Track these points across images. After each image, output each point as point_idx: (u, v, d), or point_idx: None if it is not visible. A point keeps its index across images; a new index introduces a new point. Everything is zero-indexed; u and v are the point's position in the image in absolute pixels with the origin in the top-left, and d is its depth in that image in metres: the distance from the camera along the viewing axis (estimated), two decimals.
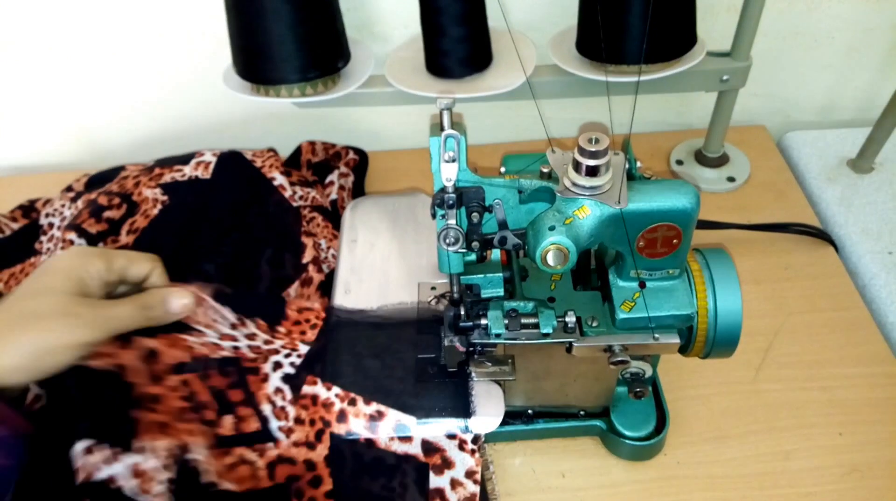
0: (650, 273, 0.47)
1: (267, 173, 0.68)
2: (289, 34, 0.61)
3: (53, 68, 0.78)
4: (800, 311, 0.65)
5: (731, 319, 0.47)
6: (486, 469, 0.51)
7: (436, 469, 0.49)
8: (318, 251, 0.63)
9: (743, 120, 0.85)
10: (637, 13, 0.59)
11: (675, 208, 0.43)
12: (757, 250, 0.70)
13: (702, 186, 0.77)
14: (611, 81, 0.62)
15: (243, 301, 0.55)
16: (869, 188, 0.75)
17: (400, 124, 0.85)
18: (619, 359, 0.46)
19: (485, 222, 0.46)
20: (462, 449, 0.49)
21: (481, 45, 0.65)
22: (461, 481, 0.49)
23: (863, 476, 0.54)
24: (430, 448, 0.49)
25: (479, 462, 0.49)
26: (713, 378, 0.60)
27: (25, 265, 0.66)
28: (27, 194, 0.76)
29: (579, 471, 0.55)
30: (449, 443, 0.49)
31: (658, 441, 0.54)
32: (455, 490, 0.48)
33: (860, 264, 0.69)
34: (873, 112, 0.74)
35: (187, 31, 0.75)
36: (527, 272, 0.52)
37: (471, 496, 0.48)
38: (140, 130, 0.85)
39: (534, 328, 0.47)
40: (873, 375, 0.60)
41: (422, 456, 0.49)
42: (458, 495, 0.48)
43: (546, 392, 0.54)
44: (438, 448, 0.49)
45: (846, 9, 0.76)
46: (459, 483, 0.49)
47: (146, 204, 0.65)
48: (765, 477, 0.54)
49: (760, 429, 0.57)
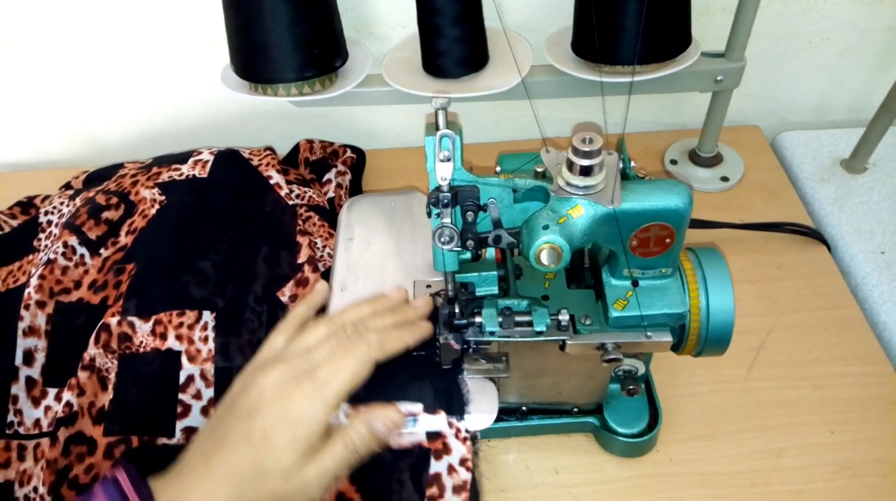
0: (643, 272, 0.47)
1: (264, 172, 0.69)
2: (286, 33, 0.61)
3: (53, 67, 0.78)
4: (792, 310, 0.65)
5: (723, 317, 0.47)
6: (475, 455, 0.52)
7: (436, 455, 0.50)
8: (313, 250, 0.64)
9: (737, 120, 0.86)
10: (632, 14, 0.59)
11: (668, 208, 0.43)
12: (750, 249, 0.71)
13: (695, 185, 0.77)
14: (605, 81, 0.63)
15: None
16: (862, 188, 0.76)
17: (397, 123, 0.86)
18: (611, 357, 0.47)
19: (479, 221, 0.47)
20: (457, 438, 0.50)
21: (478, 45, 0.65)
22: (455, 468, 0.50)
23: (854, 474, 0.54)
24: (432, 434, 0.50)
25: (471, 449, 0.50)
26: (706, 376, 0.60)
27: (24, 263, 0.66)
28: (26, 190, 0.76)
29: (573, 467, 0.55)
30: (448, 431, 0.50)
31: (651, 438, 0.55)
32: (451, 475, 0.49)
33: (852, 264, 0.69)
34: (866, 113, 0.75)
35: (186, 30, 0.75)
36: (521, 271, 0.53)
37: (463, 483, 0.49)
38: (139, 128, 0.85)
39: (528, 326, 0.48)
40: (865, 374, 0.60)
41: (425, 442, 0.50)
42: (452, 480, 0.49)
43: (540, 389, 0.54)
44: (441, 433, 0.50)
45: (840, 11, 0.76)
46: (454, 470, 0.50)
47: (144, 204, 0.66)
48: (757, 475, 0.55)
49: (752, 427, 0.57)
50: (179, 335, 0.57)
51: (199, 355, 0.57)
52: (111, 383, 0.55)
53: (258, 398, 0.45)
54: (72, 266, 0.62)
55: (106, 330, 0.57)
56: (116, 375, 0.56)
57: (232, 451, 0.43)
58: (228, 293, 0.60)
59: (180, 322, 0.57)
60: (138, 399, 0.55)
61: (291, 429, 0.43)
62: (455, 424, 0.50)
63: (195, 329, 0.58)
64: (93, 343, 0.56)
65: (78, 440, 0.53)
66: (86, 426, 0.54)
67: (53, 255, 0.61)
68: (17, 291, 0.62)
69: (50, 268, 0.60)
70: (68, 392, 0.54)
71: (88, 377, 0.55)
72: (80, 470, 0.52)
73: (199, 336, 0.57)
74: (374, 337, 0.47)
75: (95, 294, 0.60)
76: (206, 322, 0.58)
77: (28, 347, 0.56)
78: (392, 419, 0.47)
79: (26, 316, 0.57)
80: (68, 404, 0.54)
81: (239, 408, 0.45)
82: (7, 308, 0.59)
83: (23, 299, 0.58)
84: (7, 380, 0.55)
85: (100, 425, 0.54)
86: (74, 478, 0.52)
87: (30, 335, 0.57)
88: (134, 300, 0.58)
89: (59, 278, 0.61)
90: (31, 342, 0.57)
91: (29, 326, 0.57)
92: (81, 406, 0.54)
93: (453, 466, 0.50)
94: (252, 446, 0.43)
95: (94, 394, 0.55)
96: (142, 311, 0.58)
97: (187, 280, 0.60)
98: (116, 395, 0.55)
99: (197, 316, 0.58)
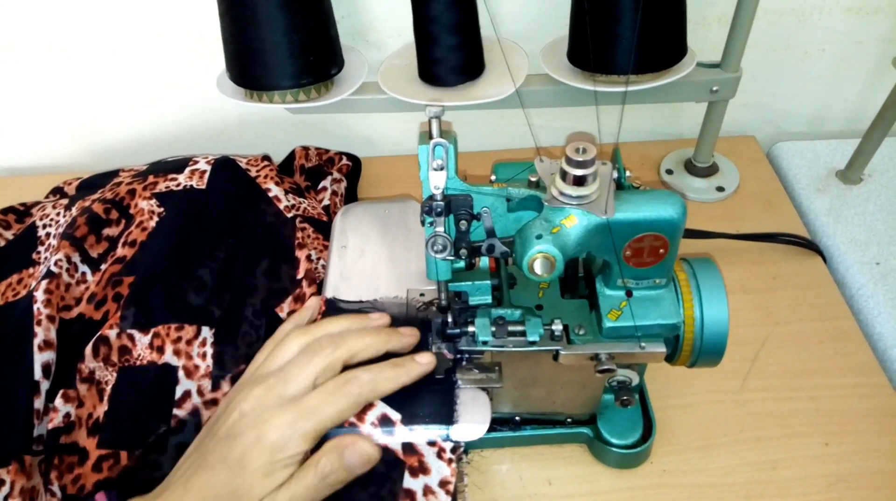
0: (637, 282, 0.47)
1: (262, 184, 0.68)
2: (282, 41, 0.61)
3: (49, 70, 0.78)
4: (787, 321, 0.65)
5: (718, 328, 0.47)
6: (461, 480, 0.50)
7: (411, 471, 0.48)
8: (310, 264, 0.63)
9: (733, 130, 0.86)
10: (627, 24, 0.59)
11: (662, 218, 0.43)
12: (745, 259, 0.70)
13: (691, 195, 0.77)
14: (599, 90, 0.63)
15: None
16: (857, 199, 0.76)
17: (393, 131, 0.86)
18: (605, 367, 0.47)
19: (473, 230, 0.47)
20: (440, 458, 0.48)
21: (474, 54, 0.65)
22: (434, 489, 0.48)
23: (849, 487, 0.54)
24: (409, 449, 0.48)
25: (455, 472, 0.48)
26: (700, 387, 0.60)
27: (23, 275, 0.65)
28: (24, 195, 0.76)
29: (566, 478, 0.55)
30: (428, 450, 0.48)
31: (644, 449, 0.54)
32: (426, 497, 0.47)
33: (848, 275, 0.69)
34: (862, 124, 0.75)
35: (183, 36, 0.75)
36: (515, 280, 0.53)
37: None
38: (135, 134, 0.85)
39: (521, 336, 0.47)
40: (860, 385, 0.60)
41: (400, 454, 0.48)
42: None
43: (533, 400, 0.54)
44: (417, 451, 0.48)
45: (836, 22, 0.77)
46: (431, 491, 0.47)
47: (141, 215, 0.65)
48: (751, 486, 0.54)
49: (747, 438, 0.57)
50: (177, 350, 0.57)
51: (196, 371, 0.56)
52: (107, 395, 0.55)
53: (237, 420, 0.45)
54: (73, 283, 0.62)
55: (105, 343, 0.56)
56: (113, 387, 0.55)
57: (210, 472, 0.43)
58: (226, 302, 0.60)
59: (178, 337, 0.57)
60: (132, 412, 0.54)
61: (268, 454, 0.43)
62: (439, 443, 0.48)
63: (193, 345, 0.57)
64: (91, 356, 0.56)
65: (71, 450, 0.53)
66: (80, 436, 0.53)
67: (57, 269, 0.61)
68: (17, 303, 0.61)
69: (56, 283, 0.60)
70: (67, 404, 0.54)
71: (88, 389, 0.55)
72: (69, 481, 0.51)
73: (198, 352, 0.57)
74: (366, 377, 0.46)
75: (97, 310, 0.60)
76: (204, 338, 0.58)
77: (46, 361, 0.56)
78: (366, 452, 0.46)
79: (39, 332, 0.57)
80: (67, 415, 0.53)
81: (219, 429, 0.45)
82: (17, 321, 0.58)
83: (34, 316, 0.57)
84: (30, 395, 0.54)
85: (94, 436, 0.53)
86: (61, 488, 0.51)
87: (45, 350, 0.56)
88: (132, 309, 0.58)
89: (62, 294, 0.60)
90: (48, 356, 0.56)
91: (44, 340, 0.56)
92: (80, 417, 0.54)
93: (430, 487, 0.47)
94: (228, 468, 0.43)
95: (92, 406, 0.55)
96: (140, 322, 0.57)
97: (185, 288, 0.59)
98: (111, 406, 0.54)
99: (196, 331, 0.58)
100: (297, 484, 0.43)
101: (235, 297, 0.60)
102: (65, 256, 0.62)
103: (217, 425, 0.46)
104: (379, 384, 0.47)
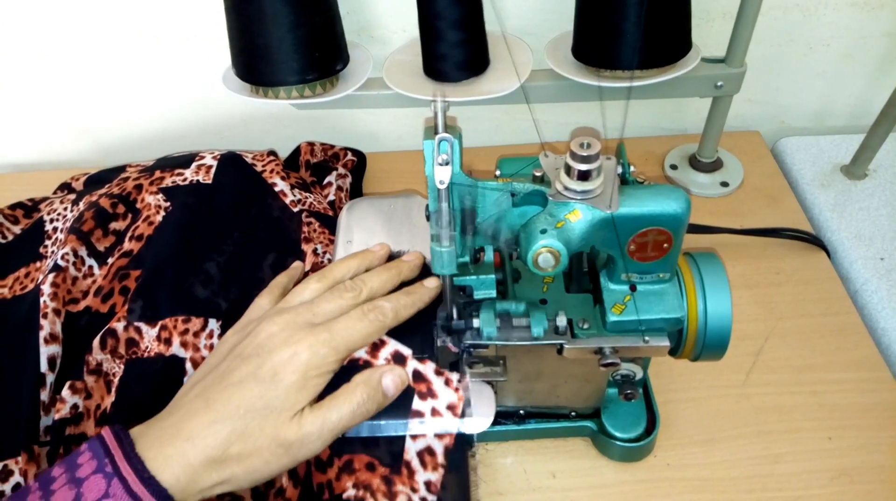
0: (641, 277, 0.47)
1: (268, 179, 0.69)
2: (288, 37, 0.61)
3: (55, 67, 0.78)
4: (791, 315, 0.65)
5: (721, 323, 0.47)
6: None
7: (420, 395, 0.49)
8: (316, 257, 0.64)
9: (737, 125, 0.86)
10: (632, 19, 0.59)
11: (666, 213, 0.43)
12: (749, 254, 0.71)
13: (695, 190, 0.77)
14: (604, 86, 0.63)
15: None
16: (862, 194, 0.76)
17: (398, 126, 0.86)
18: (609, 361, 0.47)
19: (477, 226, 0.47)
20: (447, 385, 0.49)
21: (478, 49, 0.66)
22: (440, 411, 0.49)
23: (851, 481, 0.54)
24: (418, 377, 0.49)
25: (462, 398, 0.49)
26: (704, 381, 0.60)
27: (31, 269, 0.66)
28: (32, 191, 0.76)
29: (570, 472, 0.55)
30: (436, 378, 0.49)
31: (648, 443, 0.55)
32: (434, 416, 0.48)
33: (852, 270, 0.69)
34: (867, 119, 0.75)
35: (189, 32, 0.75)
36: (519, 274, 0.53)
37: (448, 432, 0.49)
38: (142, 129, 0.85)
39: (525, 330, 0.48)
40: (863, 380, 0.60)
41: (410, 382, 0.49)
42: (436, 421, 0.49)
43: (537, 393, 0.54)
44: (426, 378, 0.49)
45: (841, 17, 0.76)
46: (438, 413, 0.49)
47: (148, 210, 0.66)
48: (754, 481, 0.54)
49: (750, 433, 0.57)
50: (185, 341, 0.57)
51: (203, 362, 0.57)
52: (115, 386, 0.55)
53: (267, 339, 0.46)
54: (80, 277, 0.63)
55: (112, 335, 0.57)
56: (120, 379, 0.56)
57: (238, 387, 0.43)
58: (233, 295, 0.60)
59: (185, 329, 0.57)
60: (139, 403, 0.55)
61: (303, 369, 0.44)
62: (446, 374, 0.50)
63: (201, 337, 0.58)
64: (99, 348, 0.56)
65: (79, 440, 0.53)
66: (88, 427, 0.54)
67: (63, 263, 0.61)
68: (24, 297, 0.62)
69: (63, 277, 0.60)
70: (75, 395, 0.54)
71: (95, 381, 0.55)
72: None
73: (205, 344, 0.57)
74: (388, 305, 0.49)
75: (104, 303, 0.60)
76: (211, 330, 0.58)
77: (51, 354, 0.56)
78: (400, 376, 0.48)
79: (45, 325, 0.57)
80: (74, 406, 0.54)
81: (244, 349, 0.46)
82: (24, 315, 0.59)
83: (40, 309, 0.58)
84: (37, 387, 0.55)
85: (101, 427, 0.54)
86: None
87: (51, 343, 0.57)
88: (139, 302, 0.58)
89: (69, 288, 0.61)
90: (54, 349, 0.57)
91: (50, 333, 0.57)
92: (87, 408, 0.54)
93: (438, 409, 0.48)
94: (259, 381, 0.43)
95: (100, 397, 0.55)
96: (147, 315, 0.58)
97: (192, 282, 0.60)
98: (119, 398, 0.55)
99: (203, 323, 0.58)
100: (332, 411, 0.44)
101: (242, 290, 0.61)
102: (72, 250, 0.62)
103: (240, 348, 0.46)
104: (399, 311, 0.49)
